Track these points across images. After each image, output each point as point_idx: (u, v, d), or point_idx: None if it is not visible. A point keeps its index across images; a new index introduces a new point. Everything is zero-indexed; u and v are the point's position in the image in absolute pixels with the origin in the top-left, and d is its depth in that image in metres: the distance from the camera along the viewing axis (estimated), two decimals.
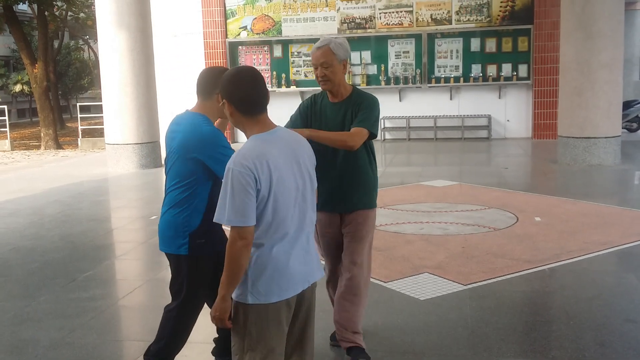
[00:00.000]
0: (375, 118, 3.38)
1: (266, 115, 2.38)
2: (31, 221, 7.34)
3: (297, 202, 2.33)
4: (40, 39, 19.43)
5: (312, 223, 2.44)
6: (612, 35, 9.67)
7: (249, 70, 2.39)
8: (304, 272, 2.37)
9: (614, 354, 3.49)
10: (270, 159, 2.26)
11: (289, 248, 2.32)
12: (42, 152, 16.72)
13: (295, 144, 2.40)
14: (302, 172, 2.37)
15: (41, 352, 3.73)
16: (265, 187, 2.23)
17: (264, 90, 2.38)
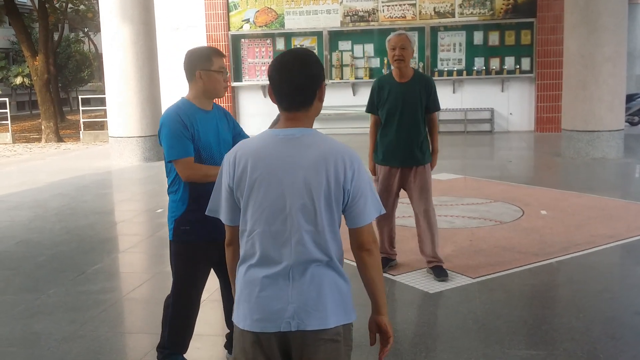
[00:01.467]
0: (436, 92, 4.60)
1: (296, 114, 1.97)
2: (36, 214, 7.34)
3: (277, 223, 1.91)
4: (40, 31, 19.38)
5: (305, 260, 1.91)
6: (616, 29, 9.67)
7: (285, 54, 2.00)
8: (282, 310, 1.90)
9: (625, 346, 3.51)
10: (254, 159, 1.93)
11: (261, 272, 1.93)
12: (44, 145, 16.70)
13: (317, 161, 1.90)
14: (302, 193, 1.89)
15: (54, 344, 3.74)
16: (237, 190, 1.96)
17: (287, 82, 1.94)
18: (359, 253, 1.99)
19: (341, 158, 1.92)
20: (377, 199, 2.00)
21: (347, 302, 1.99)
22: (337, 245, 1.97)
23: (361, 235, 1.97)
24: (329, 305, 1.93)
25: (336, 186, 1.91)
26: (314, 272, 1.92)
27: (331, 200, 1.91)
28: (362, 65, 14.39)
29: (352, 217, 1.96)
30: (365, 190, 1.95)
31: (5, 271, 5.25)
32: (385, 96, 4.50)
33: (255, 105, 14.84)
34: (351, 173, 1.92)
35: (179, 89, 3.01)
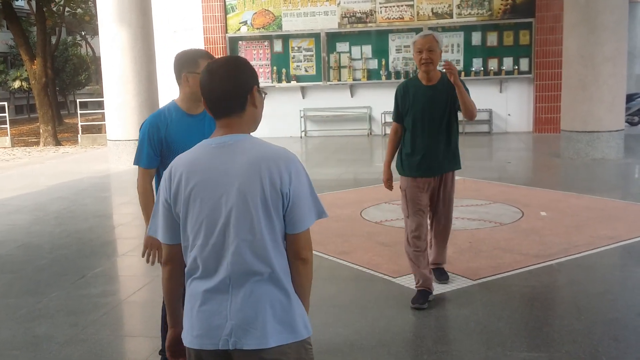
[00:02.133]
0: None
1: (229, 121, 1.91)
2: (36, 217, 7.34)
3: (216, 235, 1.84)
4: (38, 35, 19.35)
5: (243, 271, 1.84)
6: (616, 28, 9.67)
7: (213, 62, 1.97)
8: (220, 326, 1.83)
9: (628, 348, 3.51)
10: (187, 172, 1.88)
11: (202, 286, 1.87)
12: (42, 149, 16.67)
13: (250, 166, 1.84)
14: (238, 202, 1.83)
15: (56, 348, 3.73)
16: (175, 205, 1.91)
17: (215, 90, 1.90)
18: (294, 261, 1.90)
19: (274, 162, 1.85)
20: (318, 202, 1.93)
21: (294, 318, 1.87)
22: (280, 256, 1.87)
23: (297, 242, 1.89)
24: (269, 323, 1.82)
25: (272, 191, 1.82)
26: (254, 287, 1.83)
27: (269, 206, 1.83)
28: (359, 67, 14.39)
29: (290, 222, 1.87)
30: (304, 194, 1.88)
31: (7, 275, 5.25)
32: (411, 101, 4.15)
33: None
34: (287, 176, 1.84)
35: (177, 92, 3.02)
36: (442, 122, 4.12)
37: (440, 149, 4.16)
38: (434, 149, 4.15)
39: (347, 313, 4.14)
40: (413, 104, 4.13)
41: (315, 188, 1.98)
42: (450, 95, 4.05)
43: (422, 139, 4.14)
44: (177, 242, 1.94)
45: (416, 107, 4.12)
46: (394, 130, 4.34)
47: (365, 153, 12.44)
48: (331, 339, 3.73)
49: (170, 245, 1.96)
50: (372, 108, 14.43)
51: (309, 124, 14.89)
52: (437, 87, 4.11)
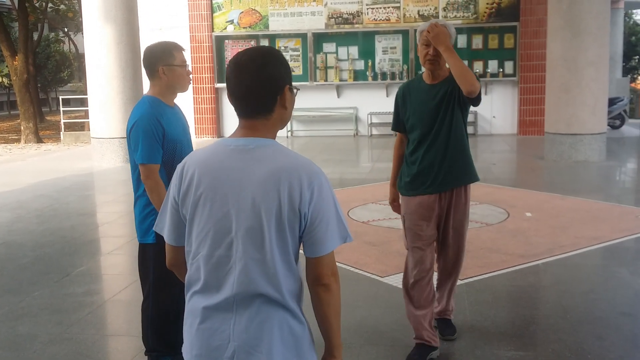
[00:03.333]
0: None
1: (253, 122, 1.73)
2: (18, 215, 7.24)
3: (222, 248, 1.67)
4: (20, 30, 19.11)
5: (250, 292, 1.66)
6: (599, 33, 9.80)
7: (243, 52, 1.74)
8: (221, 347, 1.67)
9: (611, 346, 3.55)
10: (200, 171, 1.70)
11: (203, 302, 1.71)
12: (23, 146, 16.46)
13: (269, 178, 1.64)
14: (250, 215, 1.64)
15: (39, 347, 3.68)
16: (183, 206, 1.74)
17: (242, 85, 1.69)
18: (314, 287, 1.71)
19: (297, 175, 1.64)
20: (343, 224, 1.72)
21: (302, 345, 1.72)
22: (292, 279, 1.69)
23: (319, 267, 1.69)
24: (275, 347, 1.66)
25: (290, 209, 1.63)
26: (261, 307, 1.66)
27: (284, 225, 1.63)
28: (346, 68, 14.41)
29: (309, 244, 1.67)
30: (326, 214, 1.67)
31: None
32: (412, 104, 3.37)
33: None
34: (309, 194, 1.64)
35: None
36: (446, 123, 3.28)
37: (446, 157, 3.31)
38: (438, 157, 3.30)
39: None
40: (413, 107, 3.37)
41: None
42: (455, 90, 3.24)
43: (424, 145, 3.33)
44: (182, 244, 1.78)
45: (417, 110, 3.34)
46: (398, 142, 3.55)
47: (351, 154, 12.45)
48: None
49: (175, 247, 1.81)
50: (359, 109, 14.46)
51: (295, 124, 14.87)
52: (441, 86, 3.31)
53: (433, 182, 3.31)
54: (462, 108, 3.31)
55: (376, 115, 14.30)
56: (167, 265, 1.87)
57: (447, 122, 3.28)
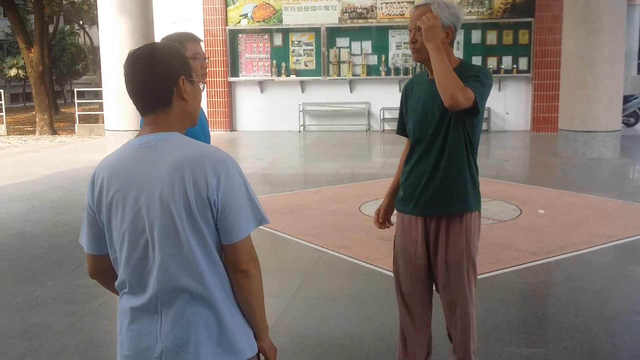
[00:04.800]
0: (485, 89, 2.56)
1: (154, 117, 1.70)
2: (32, 206, 7.31)
3: (140, 248, 1.66)
4: (36, 23, 19.26)
5: (171, 289, 1.64)
6: (614, 29, 9.71)
7: (136, 49, 1.73)
8: (150, 348, 1.67)
9: (623, 345, 3.53)
10: (109, 176, 1.68)
11: (130, 302, 1.70)
12: (38, 138, 16.61)
13: (173, 170, 1.62)
14: (160, 211, 1.62)
15: (53, 337, 3.72)
16: (99, 213, 1.71)
17: (136, 81, 1.68)
18: (233, 274, 1.68)
19: (200, 164, 1.62)
20: (256, 207, 1.69)
21: (234, 338, 1.69)
22: (215, 270, 1.67)
23: (236, 254, 1.66)
24: (202, 344, 1.65)
25: (198, 198, 1.60)
26: (186, 306, 1.64)
27: (194, 216, 1.61)
28: (359, 62, 14.38)
29: (224, 232, 1.65)
30: (237, 199, 1.65)
31: (3, 263, 5.23)
32: (413, 101, 2.77)
33: (252, 101, 14.84)
34: (215, 180, 1.61)
35: None
36: (442, 130, 2.62)
37: (436, 172, 2.65)
38: (427, 171, 2.67)
39: (346, 306, 4.14)
40: (412, 105, 2.77)
41: (313, 182, 1.84)
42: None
43: (416, 154, 2.72)
44: (102, 252, 1.75)
45: (414, 107, 2.74)
46: (406, 148, 2.88)
47: (363, 148, 12.43)
48: (331, 332, 3.74)
49: (95, 255, 1.77)
50: (371, 104, 14.43)
51: (307, 119, 14.87)
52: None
53: (417, 202, 2.70)
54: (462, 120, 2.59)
55: (389, 111, 14.27)
56: (89, 274, 1.85)
57: (443, 129, 2.62)
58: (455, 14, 2.58)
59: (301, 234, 5.74)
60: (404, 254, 2.79)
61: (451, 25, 2.57)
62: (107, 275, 1.79)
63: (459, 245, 2.65)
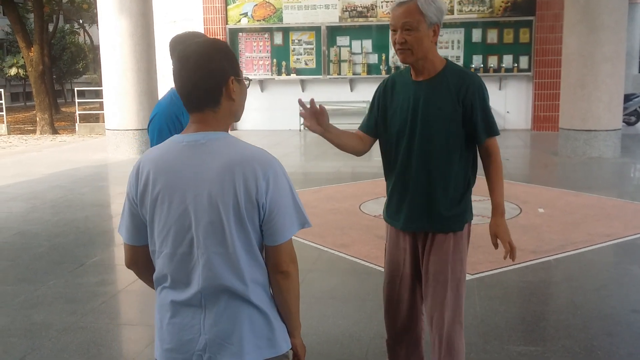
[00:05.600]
0: (488, 107, 2.54)
1: (202, 116, 1.72)
2: (33, 206, 7.33)
3: (184, 245, 1.68)
4: (35, 22, 19.28)
5: (216, 286, 1.68)
6: (616, 28, 9.71)
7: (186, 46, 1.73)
8: (192, 341, 1.69)
9: (622, 343, 3.55)
10: (155, 170, 1.70)
11: (172, 296, 1.73)
12: (39, 137, 16.63)
13: (223, 171, 1.65)
14: (208, 210, 1.65)
15: (54, 335, 3.74)
16: (142, 206, 1.73)
17: (186, 79, 1.69)
18: (274, 275, 1.73)
19: (251, 166, 1.64)
20: (300, 210, 1.73)
21: (273, 332, 1.74)
22: (257, 268, 1.71)
23: (278, 255, 1.71)
24: (245, 337, 1.69)
25: (247, 200, 1.64)
26: (230, 300, 1.68)
27: (242, 217, 1.64)
28: (359, 61, 14.38)
29: (268, 234, 1.69)
30: (284, 203, 1.68)
31: (4, 262, 5.25)
32: (394, 103, 2.58)
33: (253, 100, 14.83)
34: (265, 184, 1.64)
35: None
36: (432, 142, 2.49)
37: (418, 185, 2.54)
38: (409, 182, 2.56)
39: (345, 305, 4.16)
40: (394, 108, 2.58)
41: (313, 181, 1.87)
42: (450, 99, 2.46)
43: (405, 165, 2.56)
44: (142, 243, 1.78)
45: (398, 111, 2.55)
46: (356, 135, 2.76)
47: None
48: (330, 330, 3.76)
49: (135, 246, 1.80)
50: None
51: None
52: (431, 85, 2.49)
53: (397, 215, 2.63)
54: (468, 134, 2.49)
55: None
56: (126, 264, 1.87)
57: (432, 139, 2.47)
58: (439, 8, 2.44)
59: (301, 233, 5.72)
60: (392, 262, 2.73)
61: (438, 22, 2.44)
62: (145, 267, 1.81)
63: (443, 255, 2.55)
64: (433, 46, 2.48)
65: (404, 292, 2.71)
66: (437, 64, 2.50)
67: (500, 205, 2.63)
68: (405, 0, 2.43)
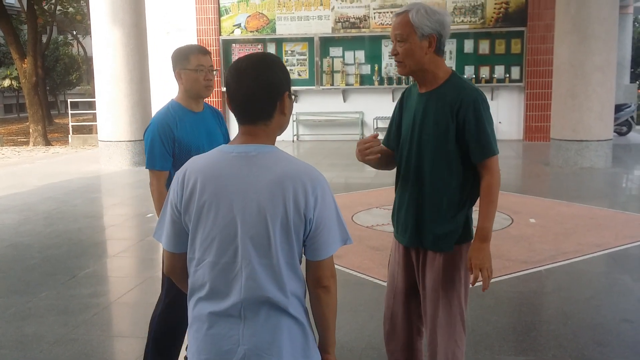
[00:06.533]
0: (492, 129, 2.45)
1: (253, 128, 1.74)
2: (26, 217, 7.31)
3: (228, 254, 1.69)
4: (29, 33, 19.27)
5: (257, 297, 1.68)
6: (606, 38, 9.80)
7: (242, 58, 1.75)
8: (231, 351, 1.69)
9: (611, 353, 3.57)
10: (203, 179, 1.71)
11: (210, 307, 1.73)
12: (32, 149, 16.60)
13: (273, 184, 1.66)
14: (256, 221, 1.67)
15: (46, 347, 3.73)
16: (185, 213, 1.74)
17: (242, 91, 1.71)
18: (315, 289, 1.76)
19: (301, 182, 1.67)
20: (343, 227, 1.76)
21: (308, 344, 1.77)
22: (296, 281, 1.73)
23: (320, 270, 1.74)
24: (285, 349, 1.70)
25: (296, 214, 1.66)
26: (270, 311, 1.69)
27: (289, 230, 1.67)
28: (352, 72, 14.46)
29: (313, 248, 1.71)
30: (329, 219, 1.71)
31: None
32: (404, 116, 2.62)
33: None
34: (313, 199, 1.67)
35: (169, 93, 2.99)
36: (430, 156, 2.47)
37: (415, 200, 2.53)
38: (407, 196, 2.56)
39: (338, 316, 4.13)
40: (404, 120, 2.61)
41: None
42: (445, 113, 2.42)
43: (405, 179, 2.58)
44: (181, 251, 1.79)
45: (404, 124, 2.60)
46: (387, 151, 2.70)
47: (356, 158, 12.46)
48: None
49: (174, 254, 1.81)
50: (365, 113, 14.49)
51: (301, 128, 14.92)
52: (431, 98, 2.47)
53: (396, 228, 2.66)
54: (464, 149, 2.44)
55: (382, 120, 14.32)
56: (165, 271, 1.88)
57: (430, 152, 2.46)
58: (438, 20, 2.39)
59: None
60: (389, 275, 2.76)
61: (433, 33, 2.39)
62: (183, 274, 1.82)
63: (434, 274, 2.51)
64: (433, 57, 2.43)
65: (398, 306, 2.70)
66: (440, 76, 2.47)
67: (484, 229, 2.50)
68: (400, 12, 2.45)
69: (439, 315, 2.53)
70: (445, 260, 2.51)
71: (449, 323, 2.53)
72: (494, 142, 2.44)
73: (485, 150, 2.42)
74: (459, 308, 2.54)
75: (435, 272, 2.51)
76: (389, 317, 2.76)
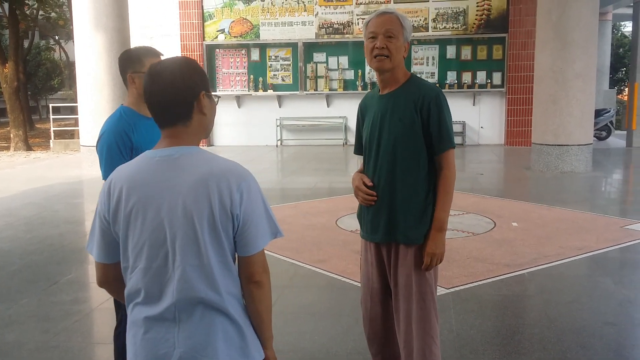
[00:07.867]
0: (449, 117, 2.59)
1: (174, 131, 1.75)
2: (7, 223, 7.22)
3: (159, 258, 1.69)
4: (11, 38, 19.07)
5: (190, 298, 1.69)
6: (586, 45, 9.94)
7: (157, 63, 1.78)
8: (167, 355, 1.70)
9: (595, 356, 3.60)
10: (128, 186, 1.71)
11: (145, 312, 1.73)
12: (13, 154, 16.39)
13: (198, 184, 1.67)
14: (183, 223, 1.67)
15: (26, 355, 3.68)
16: (115, 223, 1.74)
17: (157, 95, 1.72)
18: (247, 285, 1.75)
19: (225, 179, 1.68)
20: (272, 221, 1.77)
21: (246, 342, 1.76)
22: (232, 280, 1.73)
23: (251, 265, 1.74)
24: (220, 349, 1.70)
25: (222, 212, 1.67)
26: (204, 312, 1.70)
27: (218, 229, 1.68)
28: (336, 77, 14.50)
29: (241, 244, 1.72)
30: (256, 214, 1.72)
31: None
32: (367, 119, 2.75)
33: (230, 116, 14.83)
34: (239, 196, 1.68)
35: None
36: (395, 153, 2.58)
37: (392, 199, 2.61)
38: (383, 197, 2.63)
39: (322, 321, 4.16)
40: (366, 123, 2.74)
41: (290, 197, 1.89)
42: (409, 110, 2.55)
43: (372, 174, 2.67)
44: (113, 261, 1.78)
45: (368, 126, 2.70)
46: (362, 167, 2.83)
47: (340, 163, 12.50)
48: (307, 346, 3.75)
49: (106, 264, 1.80)
50: (348, 118, 14.53)
51: (285, 133, 14.91)
52: (394, 96, 2.61)
53: (365, 227, 2.75)
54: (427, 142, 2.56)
55: None
56: (98, 283, 1.87)
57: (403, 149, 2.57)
58: (410, 27, 2.65)
59: (278, 249, 5.75)
60: (363, 276, 2.80)
61: (409, 40, 2.63)
62: (117, 285, 1.82)
63: (406, 269, 2.59)
64: (402, 60, 2.63)
65: (376, 307, 2.75)
66: (402, 77, 2.64)
67: (440, 220, 2.59)
68: (385, 12, 2.61)
69: (413, 311, 2.59)
70: (417, 254, 2.60)
71: (423, 318, 2.59)
72: (452, 136, 2.60)
73: (445, 141, 2.56)
74: (432, 302, 2.62)
75: (408, 267, 2.59)
76: (368, 320, 2.81)
